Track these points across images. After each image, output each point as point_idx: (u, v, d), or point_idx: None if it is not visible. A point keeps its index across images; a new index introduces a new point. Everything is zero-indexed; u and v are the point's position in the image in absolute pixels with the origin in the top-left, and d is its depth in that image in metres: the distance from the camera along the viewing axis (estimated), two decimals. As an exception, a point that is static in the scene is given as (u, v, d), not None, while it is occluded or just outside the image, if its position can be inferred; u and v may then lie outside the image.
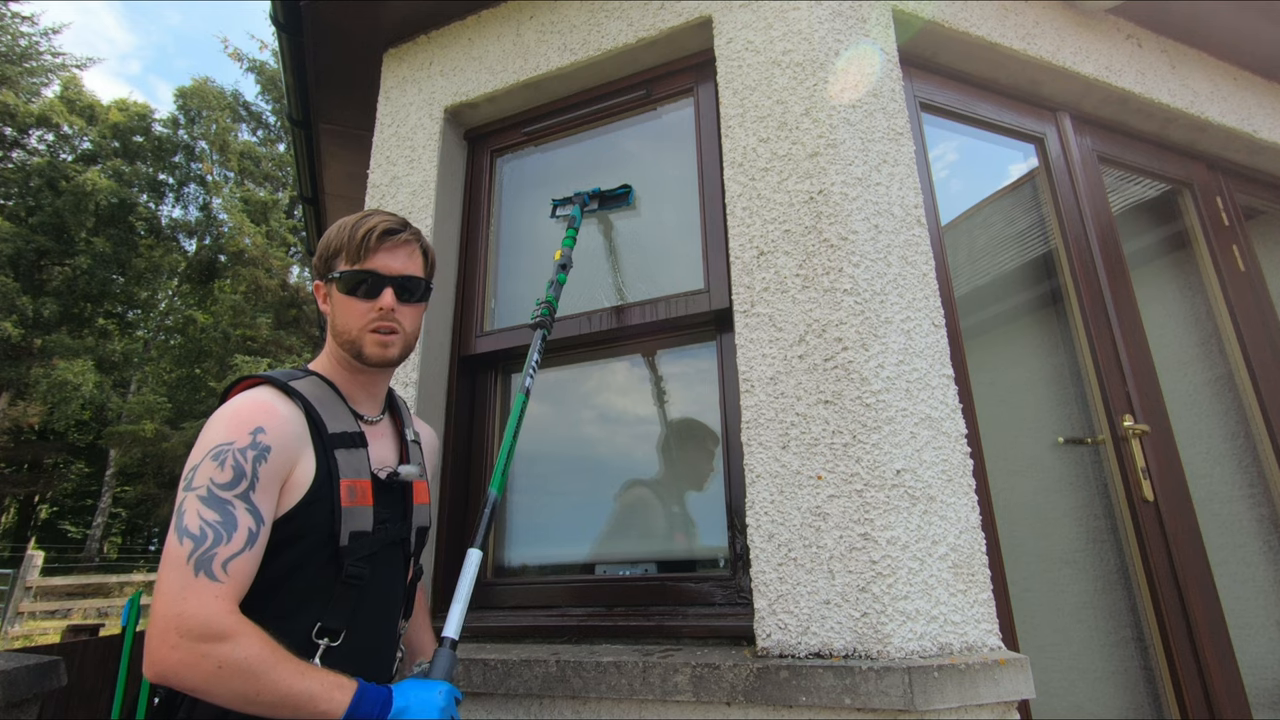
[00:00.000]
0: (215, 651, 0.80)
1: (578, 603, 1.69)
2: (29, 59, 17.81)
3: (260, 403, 0.98)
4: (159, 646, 0.80)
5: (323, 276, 1.16)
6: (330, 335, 1.15)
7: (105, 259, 17.62)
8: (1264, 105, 2.59)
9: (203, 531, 0.85)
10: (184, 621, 0.80)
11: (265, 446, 0.93)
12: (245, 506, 0.89)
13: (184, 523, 0.86)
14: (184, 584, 0.82)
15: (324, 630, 0.97)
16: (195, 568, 0.83)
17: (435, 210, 2.09)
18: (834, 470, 1.34)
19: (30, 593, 8.53)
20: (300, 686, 0.84)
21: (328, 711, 0.85)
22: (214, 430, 0.94)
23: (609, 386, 1.95)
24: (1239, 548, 2.27)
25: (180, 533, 0.85)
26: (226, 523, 0.87)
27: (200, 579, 0.83)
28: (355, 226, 1.13)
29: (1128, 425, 1.88)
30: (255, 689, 0.82)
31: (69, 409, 15.53)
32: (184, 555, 0.84)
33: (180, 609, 0.81)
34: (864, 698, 1.14)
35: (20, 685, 1.64)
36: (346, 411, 1.09)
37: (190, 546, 0.84)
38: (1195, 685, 1.68)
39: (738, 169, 1.65)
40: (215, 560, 0.84)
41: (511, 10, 2.23)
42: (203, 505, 0.87)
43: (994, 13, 2.04)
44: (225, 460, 0.90)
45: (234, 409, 0.97)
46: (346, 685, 0.88)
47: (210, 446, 0.92)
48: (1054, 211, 2.12)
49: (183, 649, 0.80)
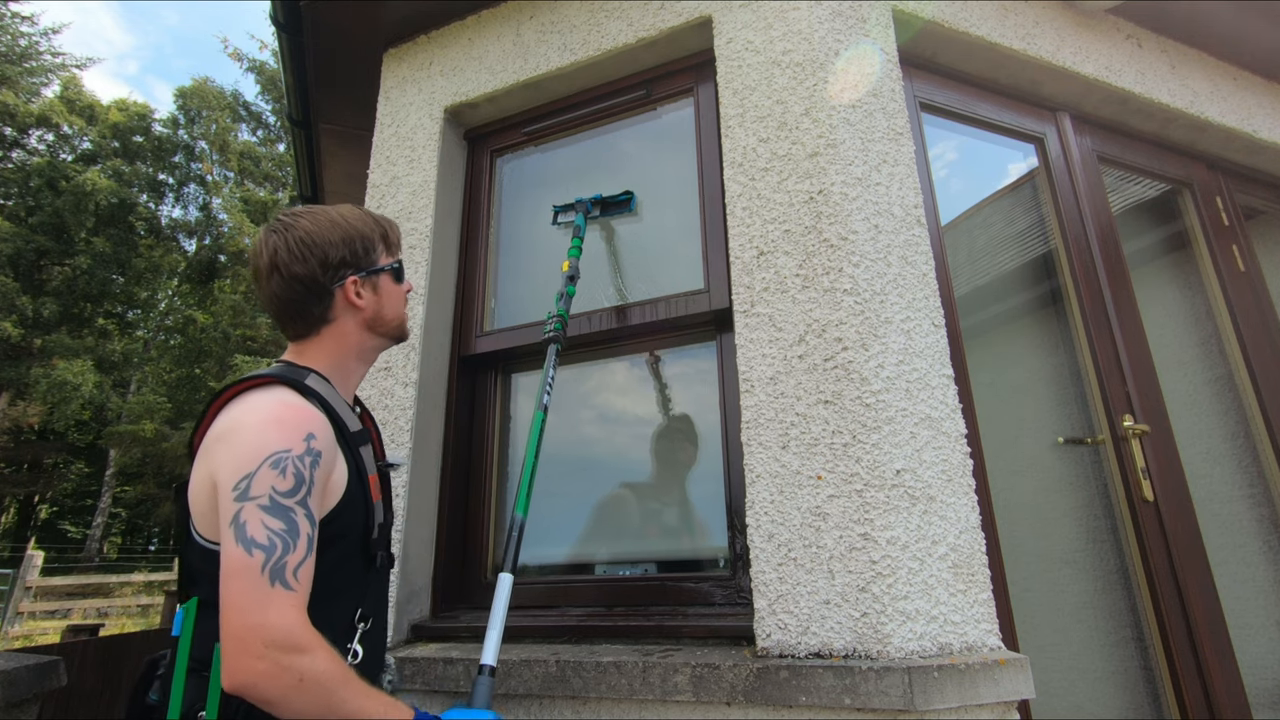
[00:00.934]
0: (297, 663, 0.80)
1: (578, 603, 1.69)
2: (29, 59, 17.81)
3: (302, 408, 0.98)
4: (242, 657, 0.79)
5: (360, 270, 1.14)
6: (361, 327, 1.14)
7: (105, 259, 17.62)
8: (1264, 105, 2.59)
9: (271, 541, 0.84)
10: (268, 632, 0.80)
11: (318, 453, 0.94)
12: (304, 513, 0.89)
13: (249, 534, 0.84)
14: (262, 594, 0.82)
15: (364, 616, 1.04)
16: (270, 578, 0.82)
17: (435, 210, 2.09)
18: (834, 470, 1.34)
19: (30, 593, 8.53)
20: (367, 706, 0.85)
21: None
22: (263, 436, 0.92)
23: (609, 386, 1.95)
24: (1239, 548, 2.27)
25: (247, 544, 0.84)
26: (291, 530, 0.86)
27: (277, 589, 0.82)
28: (379, 220, 1.19)
29: (1128, 425, 1.88)
30: (328, 704, 0.82)
31: (69, 409, 15.53)
32: (257, 566, 0.82)
33: (262, 619, 0.80)
34: (864, 698, 1.14)
35: (20, 685, 1.64)
36: (347, 406, 1.11)
37: (262, 558, 0.83)
38: (1195, 685, 1.68)
39: (738, 169, 1.65)
40: (287, 569, 0.84)
41: (511, 10, 2.23)
42: (266, 515, 0.86)
43: (994, 13, 2.04)
44: (286, 468, 0.89)
45: (278, 414, 0.95)
46: (404, 711, 0.90)
47: (267, 454, 0.90)
48: (1054, 211, 2.12)
49: (268, 659, 0.79)
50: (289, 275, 1.07)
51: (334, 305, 1.11)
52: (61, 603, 9.34)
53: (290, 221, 1.11)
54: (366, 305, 1.14)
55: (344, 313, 1.12)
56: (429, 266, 2.02)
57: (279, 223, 1.12)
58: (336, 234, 1.11)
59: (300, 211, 1.13)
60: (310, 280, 1.08)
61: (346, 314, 1.13)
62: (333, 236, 1.11)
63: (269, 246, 1.08)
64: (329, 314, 1.11)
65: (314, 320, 1.11)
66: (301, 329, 1.11)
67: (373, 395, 1.93)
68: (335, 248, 1.11)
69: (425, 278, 2.00)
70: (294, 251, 1.07)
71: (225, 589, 0.82)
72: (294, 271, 1.07)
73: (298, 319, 1.10)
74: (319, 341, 1.12)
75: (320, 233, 1.10)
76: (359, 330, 1.14)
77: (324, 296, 1.10)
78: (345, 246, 1.11)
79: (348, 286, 1.12)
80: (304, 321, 1.10)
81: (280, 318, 1.11)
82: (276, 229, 1.10)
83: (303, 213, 1.12)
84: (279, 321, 1.12)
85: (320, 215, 1.13)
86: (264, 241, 1.10)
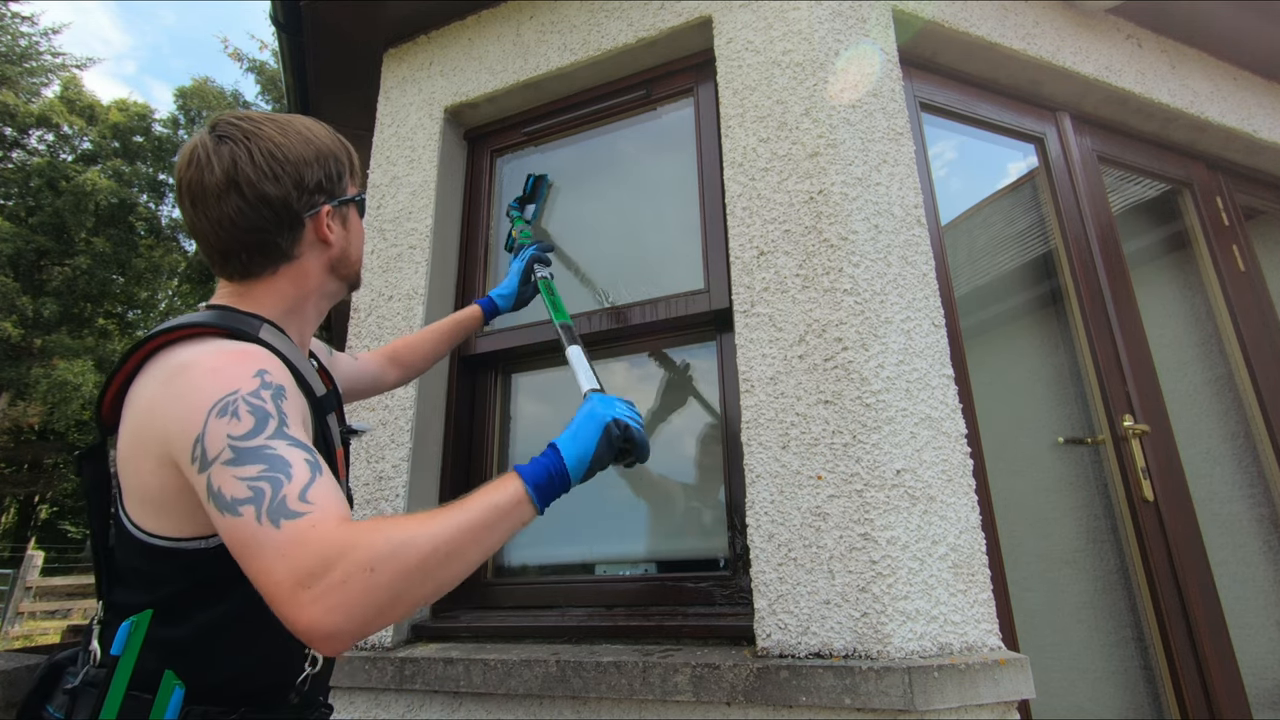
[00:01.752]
0: (348, 566, 0.62)
1: (578, 603, 1.69)
2: (29, 59, 17.81)
3: (244, 349, 0.77)
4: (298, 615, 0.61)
5: (332, 198, 0.93)
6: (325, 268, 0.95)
7: (105, 259, 17.62)
8: (1264, 105, 2.59)
9: (254, 489, 0.66)
10: (299, 574, 0.61)
11: (279, 385, 0.75)
12: (286, 443, 0.70)
13: (228, 496, 0.66)
14: (273, 542, 0.63)
15: None
16: (271, 521, 0.64)
17: (435, 210, 2.09)
18: (834, 470, 1.34)
19: (30, 593, 8.54)
20: (472, 510, 0.72)
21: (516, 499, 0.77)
22: (195, 390, 0.72)
23: (608, 387, 1.94)
24: (1239, 548, 2.27)
25: (231, 507, 0.66)
26: (274, 466, 0.68)
27: (285, 527, 0.64)
28: (342, 141, 0.98)
29: (1128, 425, 1.87)
30: (429, 549, 0.66)
31: (69, 409, 15.53)
32: (251, 523, 0.65)
33: (288, 567, 0.62)
34: (864, 698, 1.14)
35: (20, 685, 1.64)
36: (311, 367, 0.92)
37: (252, 511, 0.65)
38: (1195, 685, 1.68)
39: (738, 169, 1.65)
40: (288, 501, 0.66)
41: (511, 10, 2.23)
42: (235, 468, 0.67)
43: (994, 13, 2.04)
44: (236, 409, 0.70)
45: (211, 362, 0.74)
46: (506, 476, 0.79)
47: (206, 406, 0.70)
48: (1054, 211, 2.12)
49: (315, 599, 0.61)
50: (255, 197, 0.84)
51: (302, 239, 0.90)
52: (61, 603, 9.34)
53: (250, 128, 0.86)
54: (336, 241, 0.94)
55: (310, 249, 0.92)
56: (429, 266, 2.02)
57: (233, 127, 0.86)
58: (310, 150, 0.90)
59: (257, 117, 0.89)
60: (283, 205, 0.86)
61: (313, 250, 0.92)
62: (306, 153, 0.89)
63: (223, 157, 0.84)
64: (295, 249, 0.90)
65: (276, 256, 0.88)
66: (253, 266, 0.88)
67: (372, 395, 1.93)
68: (310, 167, 0.89)
69: (425, 278, 2.00)
70: (262, 167, 0.85)
71: (244, 566, 0.66)
72: (263, 192, 0.84)
73: (254, 252, 0.87)
74: (272, 283, 0.89)
75: (292, 146, 0.88)
76: (321, 271, 0.94)
77: (295, 226, 0.88)
78: (320, 167, 0.91)
79: (321, 216, 0.91)
80: (261, 257, 0.87)
81: (225, 251, 0.86)
82: (232, 135, 0.85)
83: (261, 119, 0.89)
84: (221, 257, 0.87)
85: (286, 125, 0.90)
86: (212, 149, 0.84)
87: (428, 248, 2.04)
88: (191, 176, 0.85)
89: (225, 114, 0.89)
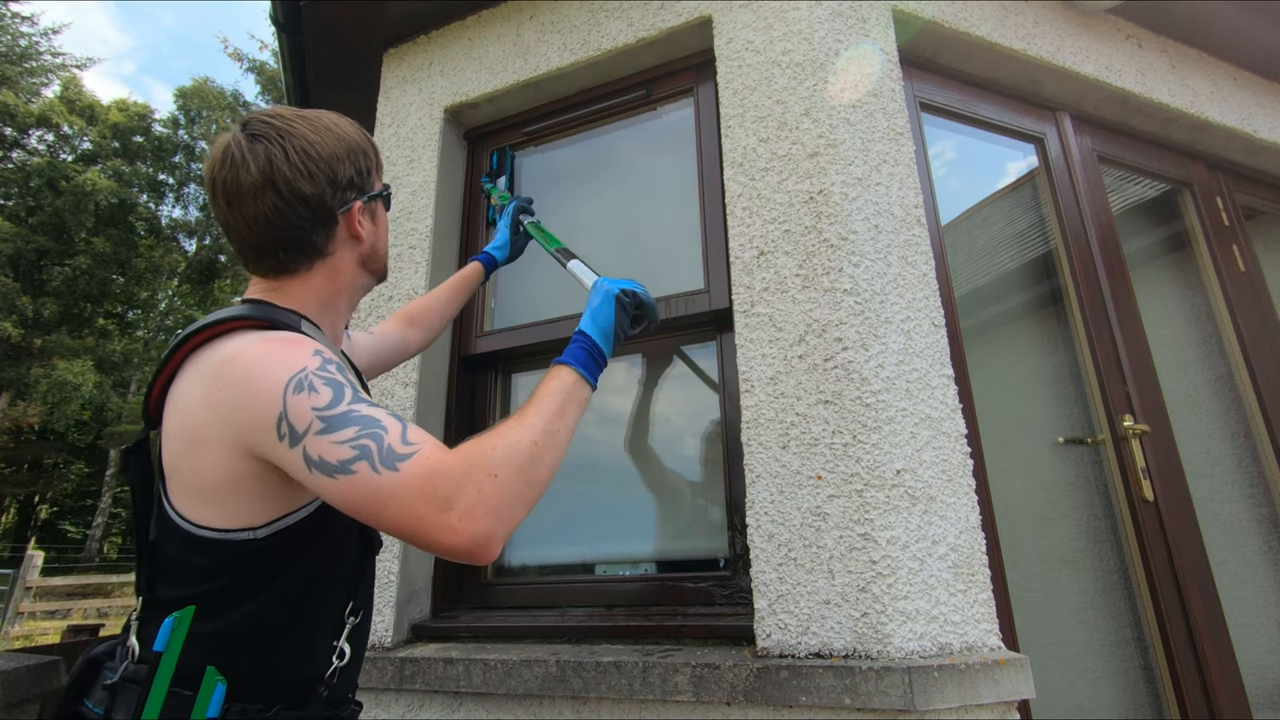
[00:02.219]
0: (474, 480, 0.68)
1: (578, 603, 1.69)
2: (29, 59, 17.82)
3: (290, 336, 0.79)
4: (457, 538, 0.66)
5: (363, 194, 0.94)
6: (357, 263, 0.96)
7: (105, 259, 17.63)
8: (1264, 105, 2.59)
9: (358, 445, 0.68)
10: (438, 504, 0.66)
11: (336, 362, 0.77)
12: (366, 405, 0.72)
13: (332, 461, 0.68)
14: (402, 486, 0.67)
15: (355, 609, 0.90)
16: (388, 469, 0.67)
17: (435, 210, 2.09)
18: (834, 470, 1.34)
19: (30, 593, 8.53)
20: (543, 401, 0.81)
21: (573, 381, 0.86)
22: (264, 377, 0.73)
23: (608, 387, 1.95)
24: (1239, 548, 2.27)
25: (339, 470, 0.68)
26: (366, 425, 0.70)
27: (402, 469, 0.67)
28: (367, 138, 0.98)
29: (1128, 425, 1.87)
30: (529, 441, 0.74)
31: (69, 409, 15.53)
32: (366, 475, 0.67)
33: (426, 501, 0.66)
34: (864, 698, 1.14)
35: (20, 685, 1.64)
36: (345, 360, 0.95)
37: (365, 466, 0.67)
38: (1195, 685, 1.68)
39: (738, 169, 1.65)
40: (394, 446, 0.69)
41: (511, 10, 2.23)
42: (330, 434, 0.69)
43: (994, 13, 2.04)
44: (312, 383, 0.72)
45: (266, 348, 0.76)
46: (556, 367, 0.88)
47: (279, 386, 0.72)
48: (1054, 211, 2.12)
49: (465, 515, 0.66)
50: (291, 195, 0.85)
51: (335, 235, 0.91)
52: (61, 603, 9.34)
53: (284, 126, 0.87)
54: (367, 236, 0.96)
55: (343, 245, 0.93)
56: (429, 266, 2.02)
57: (266, 126, 0.86)
58: (341, 146, 0.91)
59: (288, 114, 0.89)
60: (319, 203, 0.87)
61: (345, 246, 0.93)
62: (338, 149, 0.90)
63: (258, 155, 0.84)
64: (329, 246, 0.91)
65: (311, 253, 0.89)
66: (288, 263, 0.89)
67: (373, 395, 1.93)
68: (342, 163, 0.90)
69: (425, 277, 2.00)
70: (298, 165, 0.85)
71: (373, 519, 0.69)
72: (299, 190, 0.85)
73: (290, 250, 0.88)
74: (307, 279, 0.91)
75: (324, 143, 0.89)
76: (354, 266, 0.96)
77: (329, 224, 0.90)
78: (351, 163, 0.92)
79: (353, 213, 0.93)
80: (297, 254, 0.88)
81: (261, 249, 0.87)
82: (265, 134, 0.86)
83: (292, 116, 0.89)
84: (256, 254, 0.88)
85: (316, 121, 0.91)
86: (247, 148, 0.85)
87: (428, 248, 2.04)
88: (227, 175, 0.85)
89: (256, 112, 0.90)
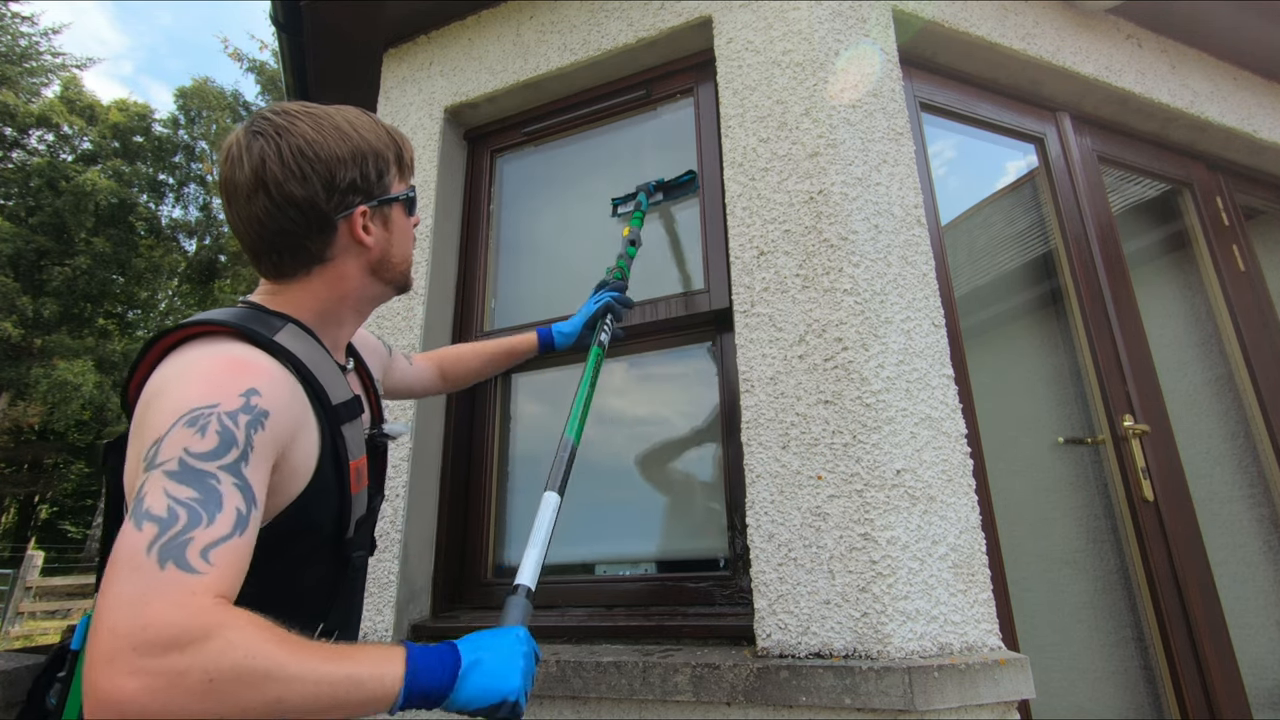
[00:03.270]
0: (198, 661, 0.55)
1: (578, 603, 1.69)
2: (29, 59, 17.81)
3: (245, 360, 0.74)
4: (108, 674, 0.53)
5: (371, 198, 0.89)
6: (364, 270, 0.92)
7: (105, 259, 17.62)
8: (1264, 105, 2.59)
9: (172, 512, 0.60)
10: (147, 634, 0.54)
11: (262, 411, 0.70)
12: (234, 481, 0.65)
13: (144, 507, 0.61)
14: (146, 583, 0.57)
15: (328, 630, 0.85)
16: (161, 557, 0.58)
17: (435, 210, 2.09)
18: (834, 470, 1.34)
19: (30, 593, 8.54)
20: (335, 672, 0.62)
21: (379, 694, 0.64)
22: (181, 391, 0.69)
23: (608, 387, 1.94)
24: (1239, 548, 2.27)
25: (139, 519, 0.60)
26: (208, 500, 0.62)
27: (169, 572, 0.57)
28: (393, 133, 0.94)
29: (1128, 425, 1.87)
30: (273, 693, 0.58)
31: (69, 409, 15.52)
32: (143, 544, 0.58)
33: (141, 618, 0.55)
34: (864, 698, 1.14)
35: (20, 685, 1.64)
36: (336, 370, 0.88)
37: (153, 532, 0.59)
38: (1195, 685, 1.68)
39: (738, 169, 1.65)
40: (190, 547, 0.59)
41: (511, 10, 2.23)
42: (172, 481, 0.62)
43: (994, 13, 2.04)
44: (206, 426, 0.66)
45: (208, 366, 0.72)
46: (394, 655, 0.67)
47: (181, 411, 0.66)
48: (1054, 211, 2.12)
49: (147, 672, 0.53)
50: (281, 197, 0.81)
51: (335, 241, 0.87)
52: (61, 603, 9.34)
53: (284, 123, 0.83)
54: (375, 243, 0.91)
55: (346, 251, 0.89)
56: (429, 266, 2.02)
57: (266, 122, 0.84)
58: (345, 147, 0.86)
59: (295, 110, 0.86)
60: (310, 206, 0.83)
61: (349, 253, 0.89)
62: (341, 150, 0.86)
63: (253, 154, 0.82)
64: (327, 251, 0.87)
65: (306, 258, 0.86)
66: (286, 267, 0.86)
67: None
68: (344, 166, 0.86)
69: (425, 278, 2.00)
70: (290, 165, 0.82)
71: (105, 583, 0.58)
72: (289, 193, 0.82)
73: (284, 254, 0.85)
74: (307, 284, 0.88)
75: (325, 144, 0.85)
76: (361, 274, 0.91)
77: (325, 229, 0.86)
78: (356, 165, 0.87)
79: (355, 218, 0.88)
80: (292, 258, 0.85)
81: (258, 250, 0.85)
82: (264, 131, 0.83)
83: (299, 112, 0.86)
84: (254, 254, 0.86)
85: (323, 119, 0.86)
86: (245, 146, 0.82)
87: (428, 248, 2.04)
88: (226, 173, 0.83)
89: (268, 107, 0.87)
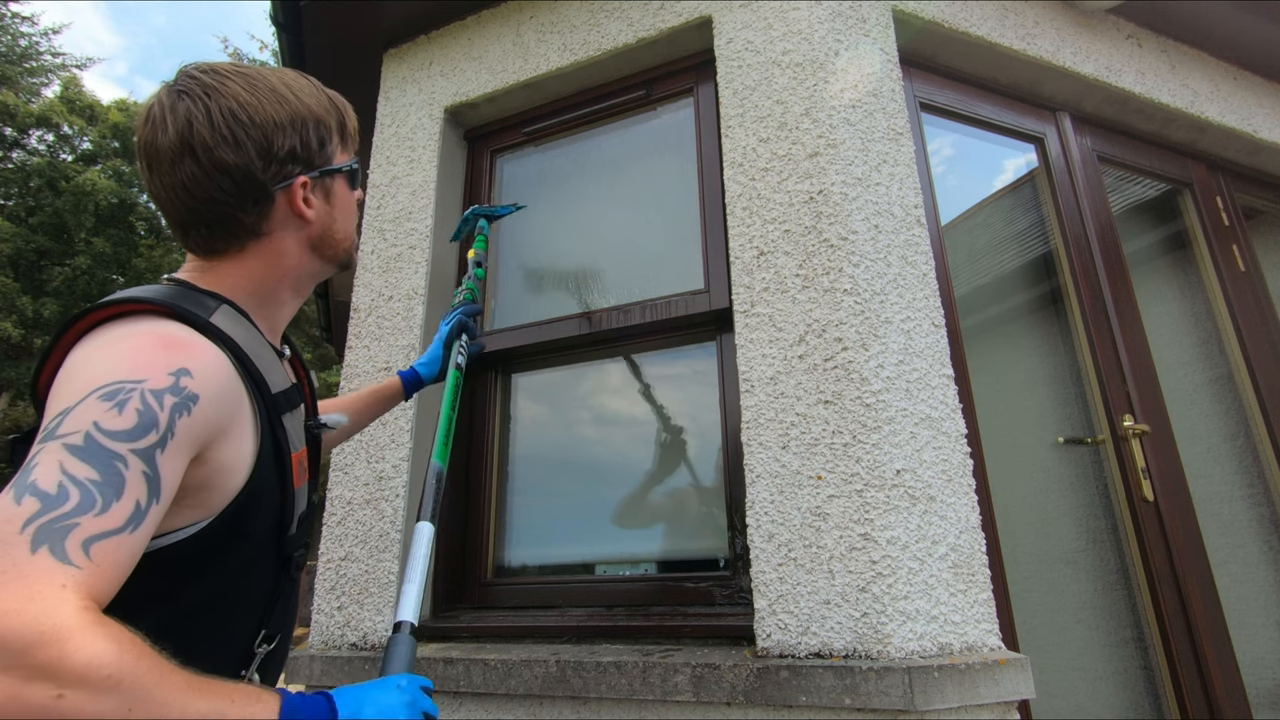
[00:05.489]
0: (52, 669, 0.46)
1: (578, 603, 1.69)
2: (29, 59, 17.82)
3: (179, 338, 0.66)
4: None
5: (312, 168, 0.82)
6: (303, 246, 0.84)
7: (105, 259, 17.62)
8: (1264, 105, 2.59)
9: (62, 490, 0.52)
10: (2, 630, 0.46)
11: (191, 395, 0.62)
12: (143, 469, 0.57)
13: (31, 478, 0.53)
14: (6, 566, 0.48)
15: (268, 635, 0.79)
16: (35, 539, 0.50)
17: (435, 210, 2.09)
18: (834, 470, 1.34)
19: (30, 593, 8.53)
20: (199, 707, 0.53)
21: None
22: (101, 365, 0.61)
23: (608, 387, 1.95)
24: (1239, 548, 2.27)
25: (21, 490, 0.52)
26: (106, 484, 0.54)
27: (40, 557, 0.49)
28: (334, 99, 0.87)
29: (1128, 425, 1.87)
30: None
31: (69, 409, 15.52)
32: (19, 519, 0.50)
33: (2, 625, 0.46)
34: (864, 698, 1.14)
35: None
36: (273, 355, 0.80)
37: (34, 508, 0.51)
38: (1195, 685, 1.68)
39: (738, 169, 1.65)
40: (74, 534, 0.51)
41: (511, 10, 2.23)
42: (71, 456, 0.54)
43: (994, 13, 2.04)
44: (126, 402, 0.58)
45: (135, 343, 0.64)
46: (266, 698, 0.59)
47: (98, 384, 0.59)
48: (1054, 211, 2.12)
49: None
50: (210, 163, 0.73)
51: (272, 214, 0.79)
52: (61, 603, 9.33)
53: (213, 82, 0.74)
54: (317, 217, 0.83)
55: (284, 225, 0.81)
56: (429, 267, 2.02)
57: (193, 81, 0.75)
58: (283, 111, 0.78)
59: (226, 69, 0.77)
60: (244, 175, 0.75)
61: (287, 227, 0.81)
62: (278, 114, 0.77)
63: (178, 115, 0.73)
64: (263, 225, 0.79)
65: (239, 232, 0.78)
66: (215, 241, 0.78)
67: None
68: (282, 132, 0.77)
69: (425, 278, 2.00)
70: (221, 129, 0.73)
71: None
72: (219, 159, 0.73)
73: (214, 227, 0.76)
74: (240, 260, 0.79)
75: (260, 107, 0.76)
76: (300, 250, 0.83)
77: (261, 200, 0.77)
78: (295, 132, 0.79)
79: (295, 190, 0.80)
80: (223, 231, 0.77)
81: (185, 222, 0.76)
82: (190, 90, 0.74)
83: (230, 72, 0.77)
84: (181, 227, 0.77)
85: (257, 80, 0.78)
86: (169, 107, 0.73)
87: (428, 248, 2.04)
88: (146, 136, 0.74)
89: (192, 65, 0.78)
